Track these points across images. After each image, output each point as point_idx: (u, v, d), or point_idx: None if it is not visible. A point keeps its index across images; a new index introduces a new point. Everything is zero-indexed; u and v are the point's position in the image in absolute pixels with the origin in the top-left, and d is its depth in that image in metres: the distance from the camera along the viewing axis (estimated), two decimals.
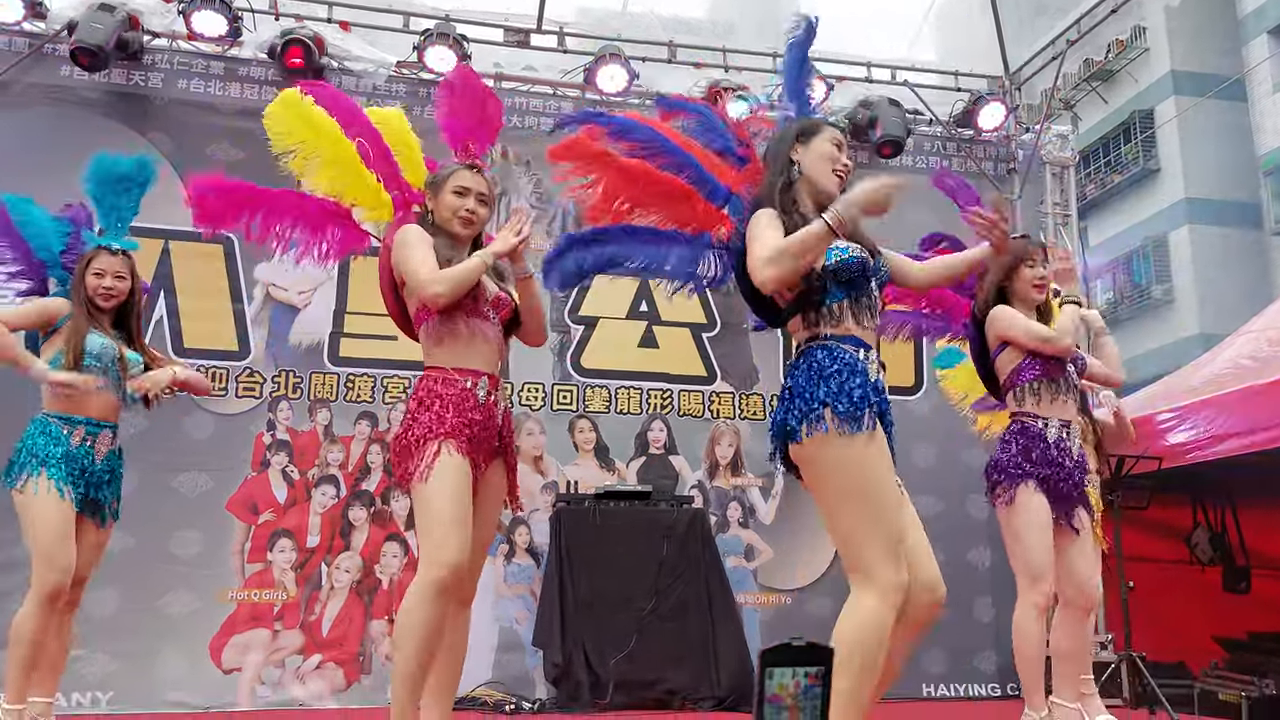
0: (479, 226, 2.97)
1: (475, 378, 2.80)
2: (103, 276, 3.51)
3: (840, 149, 2.65)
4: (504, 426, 2.91)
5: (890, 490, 2.48)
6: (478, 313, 2.84)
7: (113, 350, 3.49)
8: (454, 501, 2.65)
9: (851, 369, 2.43)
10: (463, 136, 3.04)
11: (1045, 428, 3.51)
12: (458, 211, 2.90)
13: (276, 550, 5.53)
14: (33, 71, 5.72)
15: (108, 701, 5.13)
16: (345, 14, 6.22)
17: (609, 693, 5.11)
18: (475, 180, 2.94)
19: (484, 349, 2.84)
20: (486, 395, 2.81)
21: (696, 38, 6.96)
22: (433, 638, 2.60)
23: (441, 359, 2.81)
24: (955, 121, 6.98)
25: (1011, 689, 6.26)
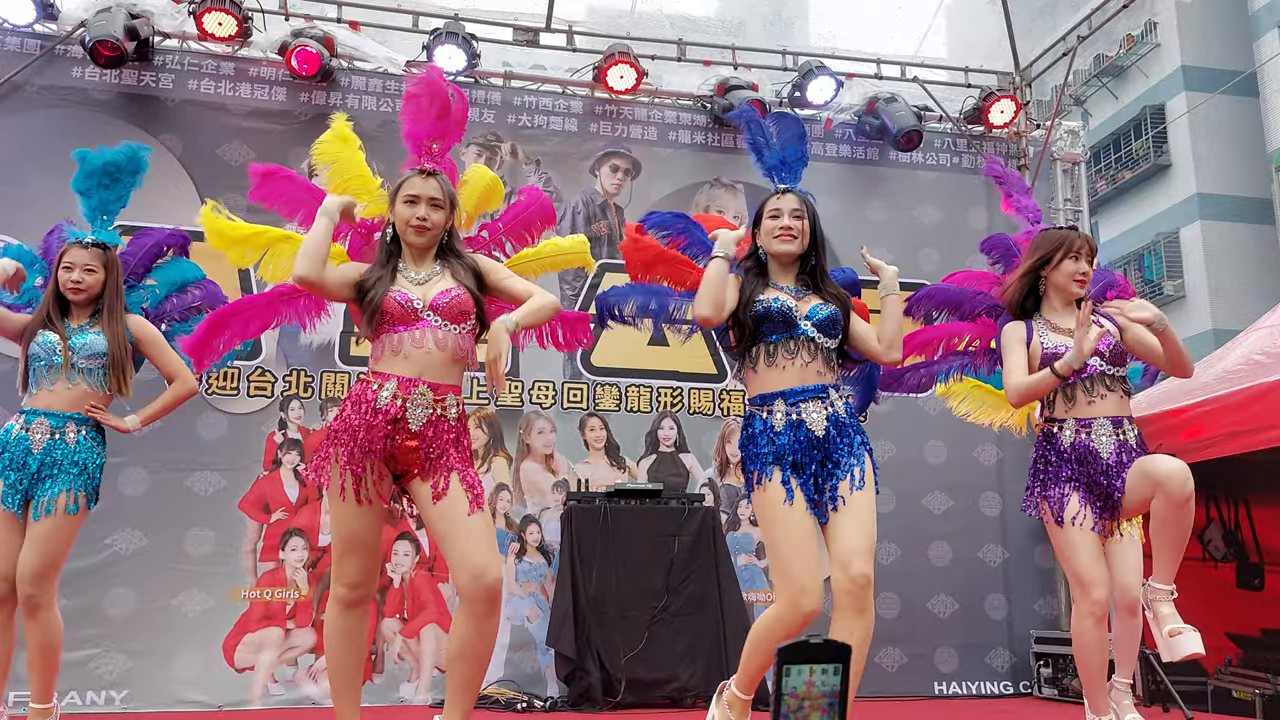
0: (434, 232, 2.94)
1: (385, 380, 2.81)
2: (71, 270, 3.50)
3: (778, 216, 3.18)
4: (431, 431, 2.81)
5: (783, 521, 2.94)
6: (408, 321, 2.83)
7: (52, 343, 3.45)
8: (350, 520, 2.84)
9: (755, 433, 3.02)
10: (424, 139, 3.04)
11: (1060, 430, 3.39)
12: (409, 221, 2.90)
13: (289, 549, 5.55)
14: (45, 73, 5.75)
15: (121, 700, 5.16)
16: (355, 14, 6.23)
17: (620, 691, 5.11)
18: (424, 185, 2.93)
19: (421, 356, 2.82)
20: (391, 398, 2.77)
21: (705, 36, 6.95)
22: (339, 646, 2.95)
23: (374, 368, 2.88)
24: (966, 118, 6.97)
25: (1024, 686, 6.26)
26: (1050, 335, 3.39)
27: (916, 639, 6.19)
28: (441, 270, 2.96)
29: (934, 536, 6.39)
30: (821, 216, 7.16)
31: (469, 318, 2.91)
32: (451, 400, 2.87)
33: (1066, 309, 3.44)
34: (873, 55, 6.97)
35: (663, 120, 6.65)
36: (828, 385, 3.02)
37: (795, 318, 3.00)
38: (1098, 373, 3.34)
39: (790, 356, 2.99)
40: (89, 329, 3.53)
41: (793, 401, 2.96)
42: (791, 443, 2.94)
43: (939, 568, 6.36)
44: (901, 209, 6.86)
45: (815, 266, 3.17)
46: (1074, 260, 3.40)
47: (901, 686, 6.06)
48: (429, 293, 2.88)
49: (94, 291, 3.55)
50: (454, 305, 2.87)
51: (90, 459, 3.48)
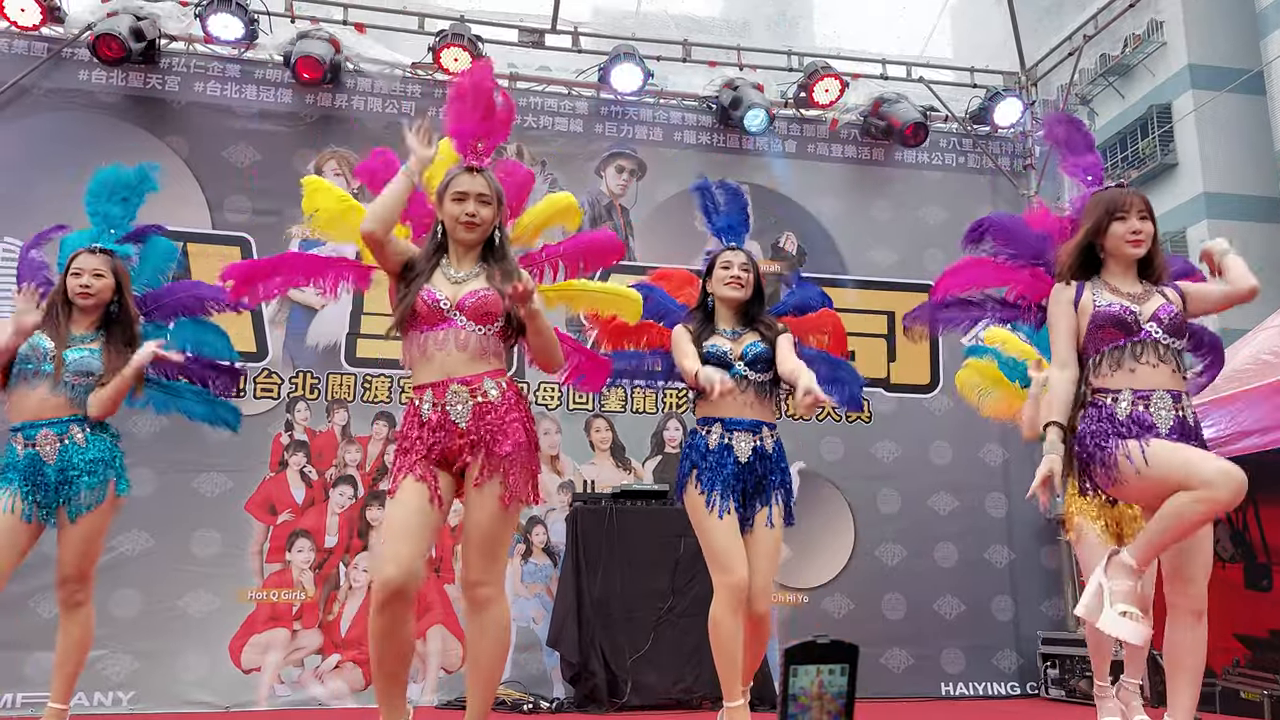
0: (483, 228, 2.93)
1: (421, 393, 2.84)
2: (80, 275, 3.48)
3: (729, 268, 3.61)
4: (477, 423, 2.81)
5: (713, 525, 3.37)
6: (434, 321, 2.84)
7: (44, 348, 3.41)
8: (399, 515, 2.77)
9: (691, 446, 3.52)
10: (470, 139, 3.03)
11: (1115, 402, 3.00)
12: (458, 218, 2.90)
13: (295, 550, 5.56)
14: (52, 76, 5.77)
15: (129, 701, 5.17)
16: (360, 16, 6.24)
17: (626, 692, 5.11)
18: (472, 182, 2.92)
19: (443, 358, 2.83)
20: (432, 409, 2.81)
21: (710, 36, 6.95)
22: (382, 643, 2.73)
23: (412, 378, 2.91)
24: (971, 118, 6.96)
25: (1031, 688, 6.25)
26: (1104, 294, 3.08)
27: (923, 640, 6.18)
28: (480, 271, 2.94)
29: (940, 537, 6.38)
30: (827, 217, 7.20)
31: (495, 319, 2.88)
32: (490, 383, 2.85)
33: (1128, 272, 3.14)
34: (878, 55, 6.96)
35: (668, 121, 6.65)
36: (761, 422, 3.49)
37: (730, 360, 3.48)
38: (1151, 339, 3.01)
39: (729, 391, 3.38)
40: (87, 343, 3.48)
41: (729, 428, 3.46)
42: (717, 463, 3.42)
43: (945, 569, 6.35)
44: (907, 209, 6.85)
45: (756, 310, 3.64)
46: (1122, 221, 3.10)
47: (908, 688, 6.05)
48: (459, 293, 2.87)
49: (103, 298, 3.52)
50: (480, 306, 2.85)
51: (106, 450, 3.46)
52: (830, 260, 6.68)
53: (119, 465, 3.51)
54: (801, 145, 6.83)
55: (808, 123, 6.84)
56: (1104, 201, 3.15)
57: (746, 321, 3.60)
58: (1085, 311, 3.08)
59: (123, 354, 3.49)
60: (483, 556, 2.82)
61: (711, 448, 3.45)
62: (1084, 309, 3.09)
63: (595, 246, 3.52)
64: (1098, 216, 3.14)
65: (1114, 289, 3.10)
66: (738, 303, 3.59)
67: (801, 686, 0.98)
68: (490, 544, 2.82)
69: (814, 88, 6.57)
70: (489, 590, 2.83)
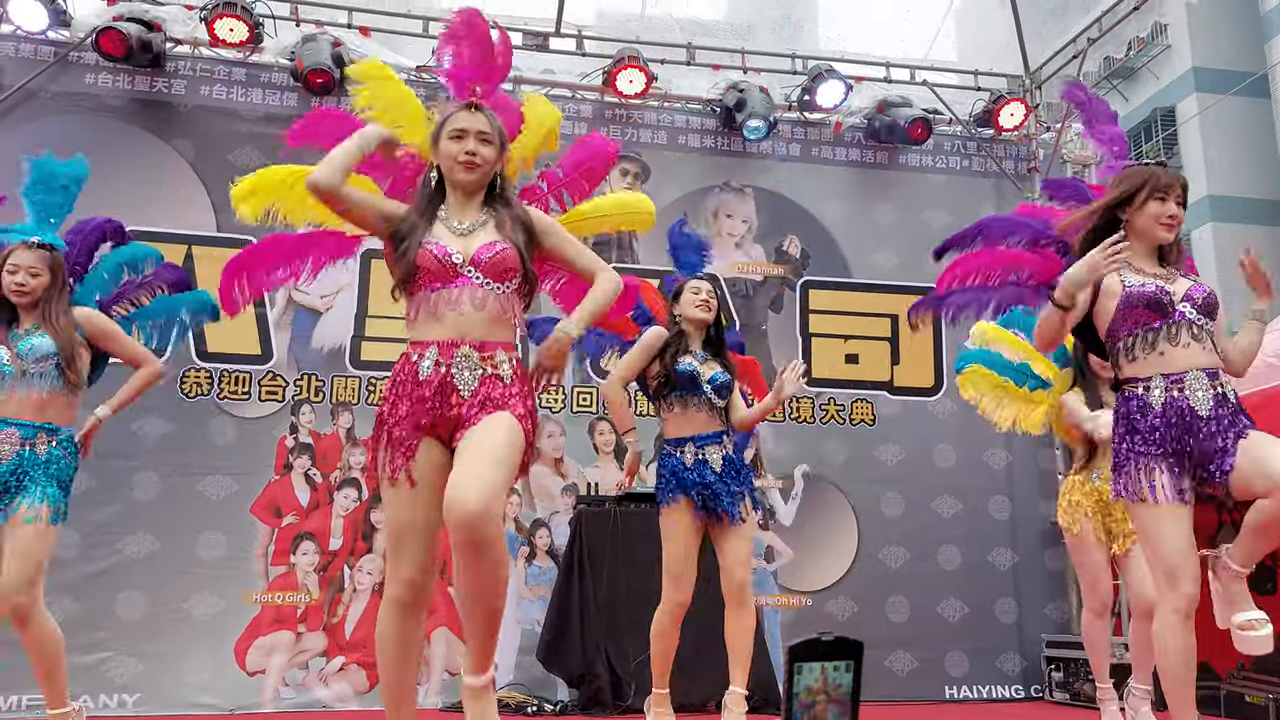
0: (485, 169, 2.64)
1: (424, 349, 2.52)
2: (16, 273, 3.42)
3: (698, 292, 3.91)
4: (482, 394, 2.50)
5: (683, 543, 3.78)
6: (445, 278, 2.54)
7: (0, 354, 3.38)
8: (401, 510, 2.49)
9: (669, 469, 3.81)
10: (467, 82, 2.83)
11: (1147, 390, 2.83)
12: (456, 157, 2.61)
13: (299, 553, 5.57)
14: (58, 79, 5.79)
15: (134, 703, 5.18)
16: (365, 19, 6.25)
17: (630, 694, 5.11)
18: (472, 119, 2.64)
19: (455, 318, 2.52)
20: (434, 366, 2.49)
21: (714, 39, 6.96)
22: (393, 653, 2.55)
23: (410, 336, 2.60)
24: (975, 121, 6.96)
25: (1035, 690, 6.24)
26: (1131, 274, 2.90)
27: (926, 643, 6.17)
28: (487, 220, 2.65)
29: (943, 540, 6.38)
30: (830, 220, 7.20)
31: (513, 275, 2.60)
32: (503, 356, 2.55)
33: (1150, 256, 2.97)
34: (882, 59, 6.96)
35: (672, 124, 6.66)
36: (722, 431, 3.87)
37: (701, 379, 3.81)
38: (1184, 319, 2.84)
39: (696, 409, 3.83)
40: (34, 333, 3.42)
41: (700, 444, 3.81)
42: (697, 477, 3.75)
43: (948, 571, 6.34)
44: (911, 212, 6.85)
45: (718, 335, 3.96)
46: (1160, 201, 2.92)
47: (912, 691, 6.04)
48: (471, 245, 2.57)
49: (38, 294, 3.46)
50: (497, 261, 2.56)
51: (63, 471, 3.39)
52: (834, 263, 6.68)
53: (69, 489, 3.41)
54: (805, 148, 6.84)
55: (811, 126, 6.85)
56: (1145, 175, 2.96)
57: (710, 346, 3.94)
58: (1111, 293, 2.90)
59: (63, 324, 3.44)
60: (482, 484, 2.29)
61: (690, 465, 3.78)
62: (1109, 290, 2.90)
63: (592, 161, 3.41)
64: (1132, 187, 2.94)
65: (1139, 270, 2.93)
66: (705, 323, 3.93)
67: (806, 684, 0.99)
68: (491, 467, 2.34)
69: (818, 91, 6.58)
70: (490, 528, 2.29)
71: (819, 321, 6.58)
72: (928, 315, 3.67)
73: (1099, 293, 2.92)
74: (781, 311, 6.55)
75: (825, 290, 6.64)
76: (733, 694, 3.85)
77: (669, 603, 3.80)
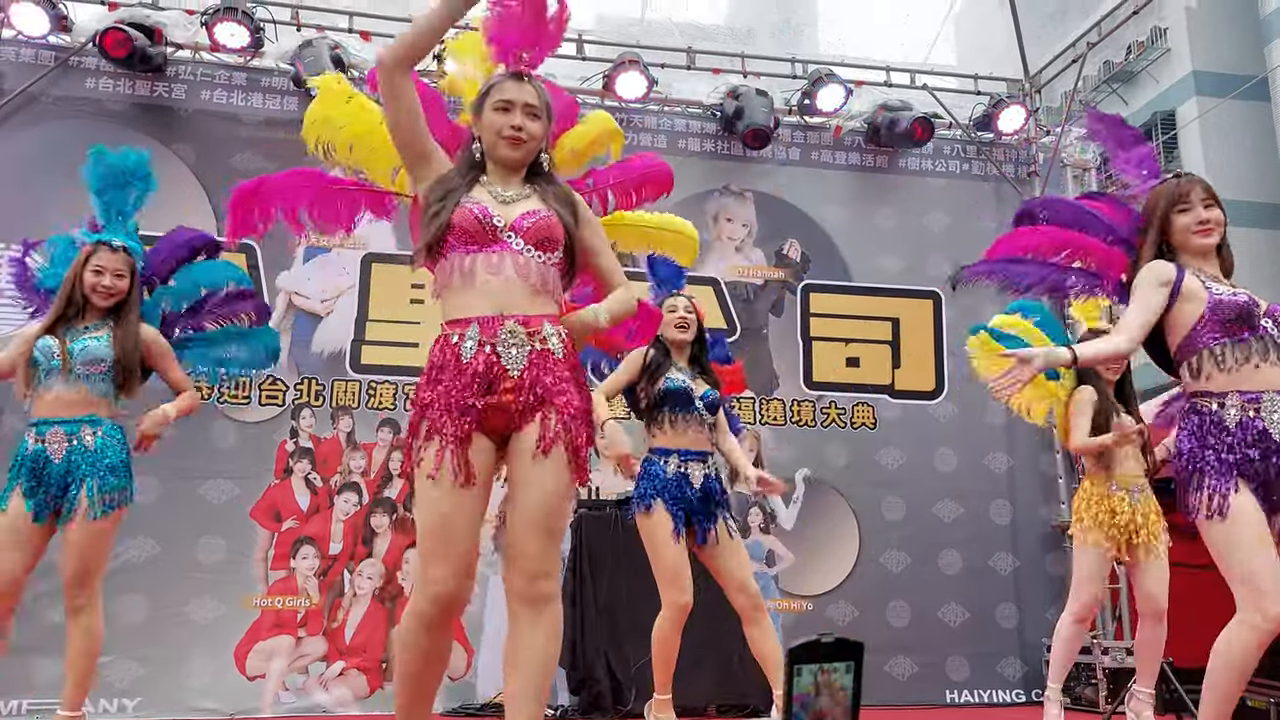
0: (532, 144, 2.44)
1: (463, 328, 2.30)
2: (102, 274, 3.40)
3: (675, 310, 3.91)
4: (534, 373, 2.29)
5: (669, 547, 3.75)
6: (483, 241, 2.32)
7: (50, 347, 3.34)
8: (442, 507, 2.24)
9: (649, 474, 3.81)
10: (514, 47, 2.56)
11: (1222, 406, 2.69)
12: (501, 131, 2.40)
13: (300, 557, 5.56)
14: (59, 84, 5.80)
15: (134, 708, 5.18)
16: (365, 24, 6.27)
17: (631, 699, 5.11)
18: (520, 90, 2.42)
19: (497, 286, 2.30)
20: (477, 347, 2.27)
21: (714, 43, 6.98)
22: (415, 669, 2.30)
23: (445, 311, 2.37)
24: (975, 125, 6.96)
25: (1036, 695, 6.22)
26: (1216, 283, 2.78)
27: (927, 647, 6.16)
28: (531, 193, 2.44)
29: (944, 544, 6.37)
30: (831, 224, 7.20)
31: (557, 247, 2.38)
32: (550, 330, 2.33)
33: (1209, 262, 2.86)
34: (882, 63, 6.98)
35: (672, 128, 6.67)
36: (708, 452, 3.90)
37: (693, 395, 3.85)
38: (1269, 336, 2.70)
39: (686, 425, 3.84)
40: (93, 333, 3.40)
41: (684, 458, 3.83)
42: (675, 488, 3.77)
43: (949, 576, 6.34)
44: (911, 215, 6.85)
45: (700, 353, 3.98)
46: (1185, 212, 2.84)
47: (913, 695, 6.03)
48: (512, 212, 2.37)
49: (120, 298, 3.46)
50: (540, 228, 2.34)
51: (116, 457, 3.39)
52: (834, 267, 6.68)
53: (126, 474, 3.42)
54: (805, 152, 6.84)
55: (812, 130, 6.85)
56: (1162, 196, 2.89)
57: (695, 364, 3.95)
58: (1195, 297, 2.74)
59: (131, 338, 3.43)
60: (545, 540, 2.25)
61: (670, 475, 3.80)
62: (1192, 293, 2.75)
63: (649, 176, 3.29)
64: (1161, 213, 2.87)
65: (1217, 279, 2.80)
66: (685, 342, 3.94)
67: (806, 686, 0.99)
68: (555, 524, 2.28)
69: (818, 95, 6.59)
70: (552, 584, 2.28)
71: (820, 325, 6.58)
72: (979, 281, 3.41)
73: (1176, 295, 2.76)
74: (782, 315, 6.55)
75: (826, 294, 6.64)
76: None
77: (670, 608, 3.79)
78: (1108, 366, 4.22)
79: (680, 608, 3.77)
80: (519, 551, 2.25)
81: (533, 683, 2.24)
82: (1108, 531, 4.14)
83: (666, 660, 3.90)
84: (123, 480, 3.41)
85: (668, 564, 3.75)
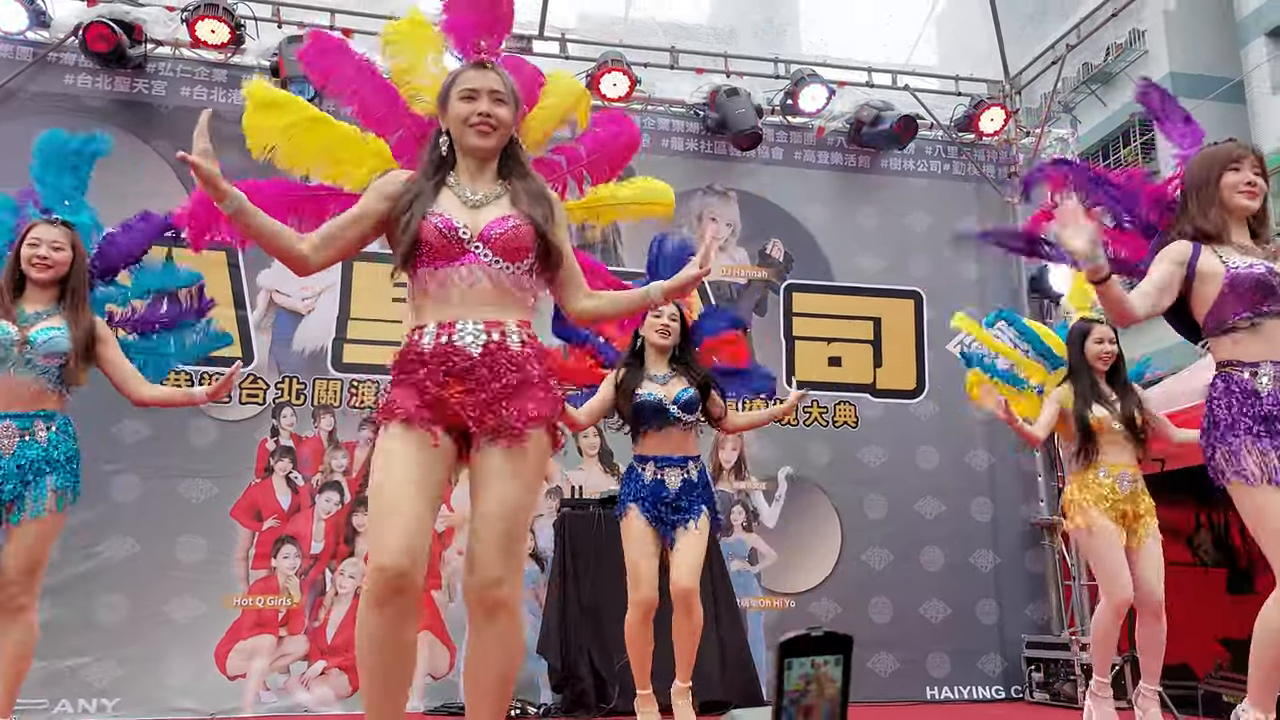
0: (502, 131, 2.38)
1: (420, 331, 2.31)
2: (37, 245, 3.28)
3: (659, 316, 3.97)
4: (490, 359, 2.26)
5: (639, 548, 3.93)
6: (450, 255, 2.28)
7: (9, 335, 3.20)
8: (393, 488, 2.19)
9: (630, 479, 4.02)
10: (470, 34, 2.58)
11: (1255, 376, 2.71)
12: (468, 120, 2.35)
13: (281, 556, 5.54)
14: (37, 80, 5.75)
15: (113, 708, 5.14)
16: (347, 21, 6.23)
17: (614, 696, 5.11)
18: (483, 78, 2.38)
19: (459, 296, 2.29)
20: (434, 339, 2.27)
21: (697, 43, 6.98)
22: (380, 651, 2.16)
23: (412, 319, 2.37)
24: (956, 126, 7.00)
25: (1016, 691, 6.28)
26: (1234, 255, 2.80)
27: (909, 644, 6.20)
28: (502, 192, 2.39)
29: (926, 541, 6.41)
30: (813, 223, 7.22)
31: (526, 255, 2.34)
32: (513, 327, 2.31)
33: (1241, 229, 2.88)
34: (864, 63, 7.00)
35: (655, 128, 6.67)
36: (687, 457, 4.00)
37: (665, 405, 3.92)
38: None
39: (661, 435, 3.97)
40: (49, 319, 3.26)
41: (660, 465, 3.97)
42: (653, 493, 3.92)
43: (931, 573, 6.38)
44: (893, 216, 6.89)
45: (683, 352, 4.03)
46: (1236, 171, 2.86)
47: (894, 691, 6.07)
48: (480, 219, 2.32)
49: (60, 271, 3.31)
50: (509, 239, 2.30)
51: (68, 451, 3.28)
52: (817, 266, 6.71)
53: (74, 470, 3.31)
54: (788, 152, 6.87)
55: (794, 130, 6.88)
56: (1214, 152, 2.92)
57: (673, 362, 4.02)
58: (1212, 275, 2.78)
59: (86, 323, 3.30)
60: (500, 545, 2.20)
61: (647, 481, 3.95)
62: (1209, 273, 2.79)
63: (617, 144, 3.25)
64: (1209, 169, 2.89)
65: (1243, 249, 2.83)
66: (666, 348, 4.01)
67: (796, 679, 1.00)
68: (512, 529, 2.23)
69: (800, 95, 6.61)
70: (504, 591, 2.20)
71: (802, 324, 6.61)
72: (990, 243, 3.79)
73: (1194, 276, 2.80)
74: (765, 314, 6.57)
75: (809, 293, 6.66)
76: (676, 687, 4.08)
77: (632, 605, 3.92)
78: (1099, 357, 4.24)
79: (639, 604, 3.88)
80: (474, 555, 2.22)
81: (486, 701, 2.26)
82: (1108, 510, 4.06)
83: (640, 658, 3.99)
84: (78, 475, 3.32)
85: (629, 558, 3.93)
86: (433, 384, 2.24)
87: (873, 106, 6.65)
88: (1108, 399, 4.20)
